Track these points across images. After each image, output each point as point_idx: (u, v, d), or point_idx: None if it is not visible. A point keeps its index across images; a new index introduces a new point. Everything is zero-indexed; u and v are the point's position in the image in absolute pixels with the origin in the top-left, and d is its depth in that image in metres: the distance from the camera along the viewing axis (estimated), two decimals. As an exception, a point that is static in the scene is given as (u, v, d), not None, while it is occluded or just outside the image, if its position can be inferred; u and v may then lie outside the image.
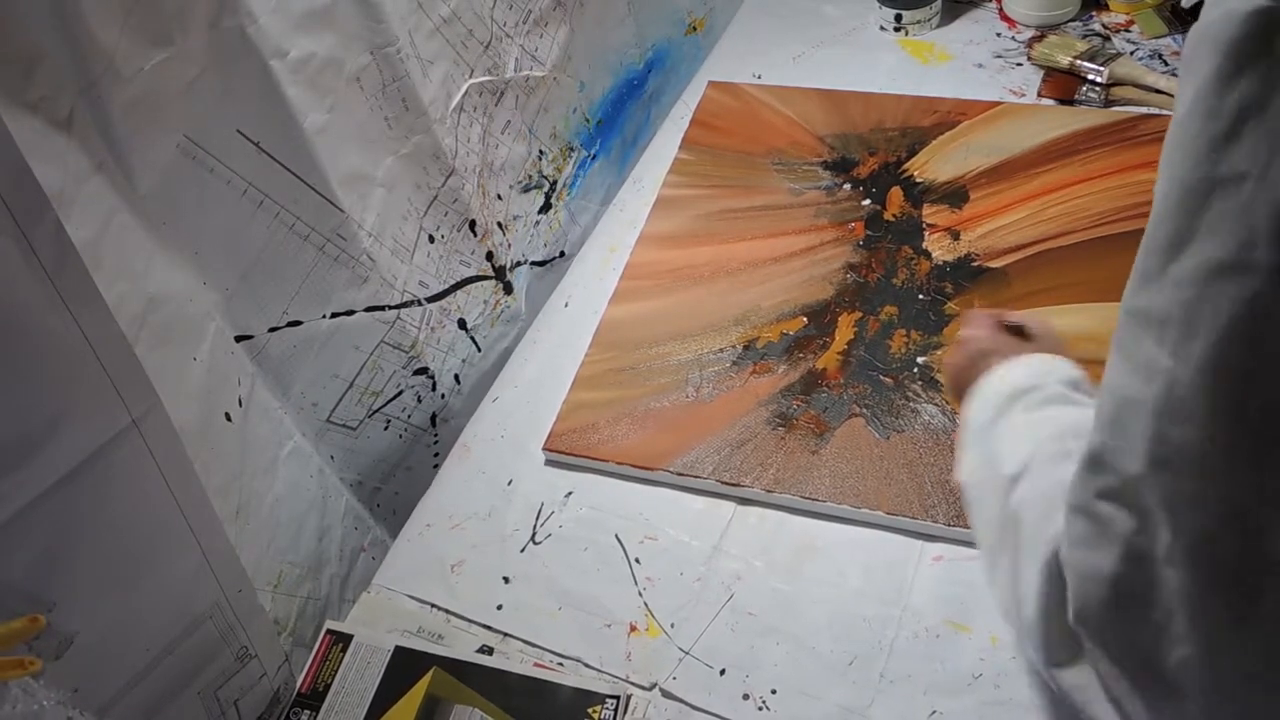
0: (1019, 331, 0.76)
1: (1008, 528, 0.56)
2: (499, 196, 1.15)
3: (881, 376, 0.99)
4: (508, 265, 1.18)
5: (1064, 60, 1.25)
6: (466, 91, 1.05)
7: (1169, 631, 0.43)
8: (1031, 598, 0.51)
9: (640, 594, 0.91)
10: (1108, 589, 0.45)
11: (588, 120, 1.29)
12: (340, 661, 0.89)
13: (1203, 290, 0.40)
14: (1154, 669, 0.44)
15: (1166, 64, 1.23)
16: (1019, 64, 1.29)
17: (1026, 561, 0.53)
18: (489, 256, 1.14)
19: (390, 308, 1.02)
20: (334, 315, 0.97)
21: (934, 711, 0.80)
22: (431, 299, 1.08)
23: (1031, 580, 0.52)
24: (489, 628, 0.91)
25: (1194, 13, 1.28)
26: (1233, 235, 0.38)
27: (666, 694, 0.85)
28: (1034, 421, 0.62)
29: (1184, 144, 0.40)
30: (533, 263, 1.25)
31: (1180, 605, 0.42)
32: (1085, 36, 1.28)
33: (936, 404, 0.96)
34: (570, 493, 0.99)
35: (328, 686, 0.87)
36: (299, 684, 0.88)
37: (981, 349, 0.73)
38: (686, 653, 0.86)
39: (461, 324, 1.13)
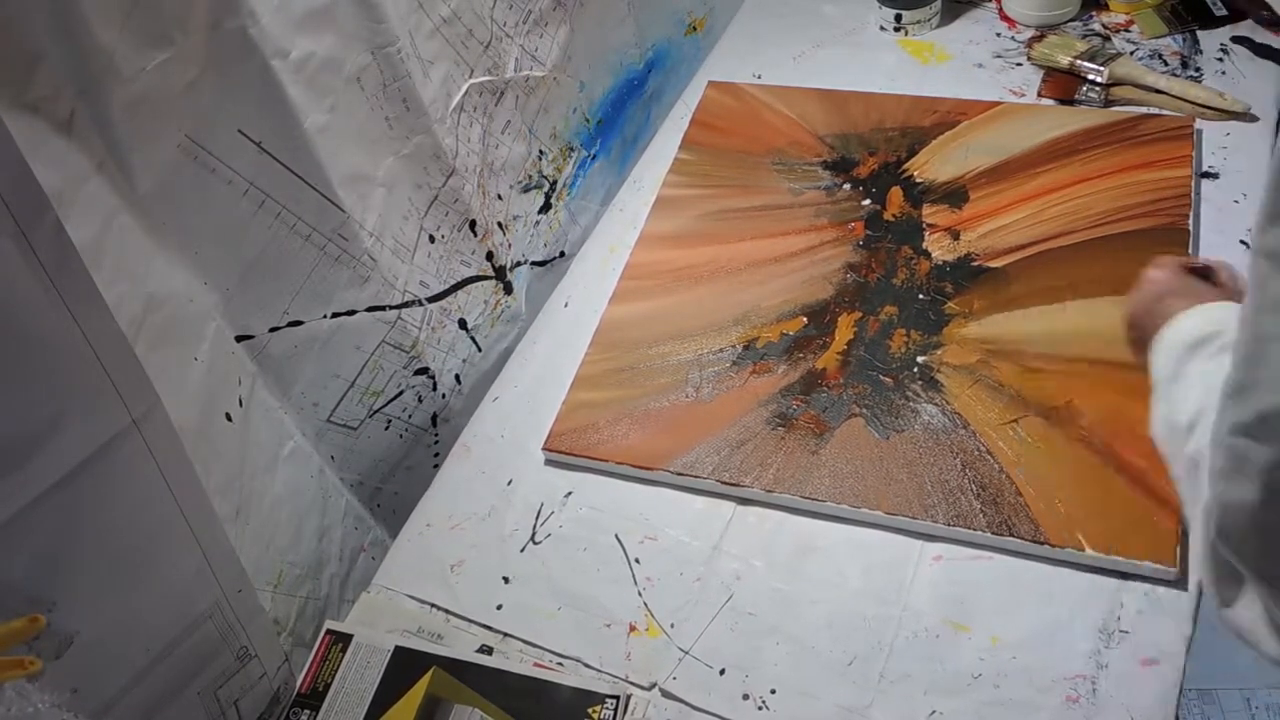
0: (1204, 275, 0.76)
1: (1190, 476, 0.58)
2: (499, 196, 1.15)
3: (881, 376, 0.99)
4: (508, 265, 1.18)
5: (1064, 60, 1.25)
6: (467, 91, 1.05)
7: None
8: (1198, 539, 0.53)
9: (640, 594, 0.91)
10: (1252, 521, 0.47)
11: (588, 120, 1.29)
12: (340, 661, 0.89)
13: None
14: None
15: (1166, 64, 1.23)
16: (1019, 64, 1.29)
17: (1200, 505, 0.54)
18: (489, 256, 1.15)
19: (391, 308, 1.02)
20: (335, 315, 0.97)
21: (934, 711, 0.80)
22: (432, 299, 1.08)
23: (1200, 522, 0.53)
24: (489, 628, 0.91)
25: (1194, 13, 1.28)
26: None
27: (666, 694, 0.85)
28: (1210, 370, 0.63)
29: None
30: (533, 263, 1.25)
31: None
32: (1085, 36, 1.28)
33: (936, 404, 0.96)
34: (570, 493, 0.99)
35: (328, 686, 0.87)
36: (299, 684, 0.88)
37: (1160, 290, 0.73)
38: (686, 653, 0.86)
39: (462, 324, 1.13)
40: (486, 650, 0.89)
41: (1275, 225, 0.44)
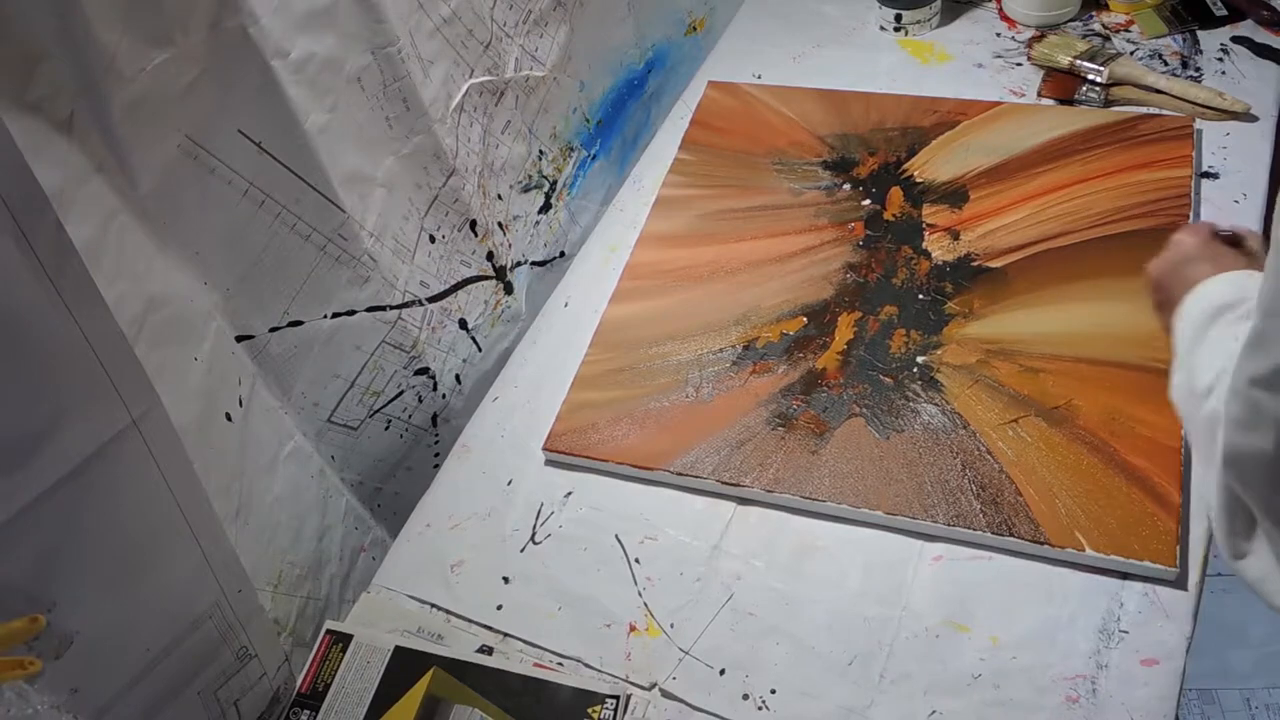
0: (1232, 242, 0.76)
1: (1204, 437, 0.58)
2: (499, 196, 1.15)
3: (881, 376, 0.99)
4: (508, 265, 1.18)
5: (1064, 60, 1.25)
6: (467, 91, 1.05)
7: None
8: (1213, 493, 0.54)
9: (640, 594, 0.91)
10: (1268, 468, 0.48)
11: (588, 120, 1.29)
12: (340, 661, 0.89)
13: None
14: None
15: (1166, 64, 1.23)
16: (1019, 64, 1.29)
17: (1215, 464, 0.55)
18: (489, 256, 1.15)
19: (391, 308, 1.02)
20: (335, 315, 0.97)
21: (934, 711, 0.80)
22: (432, 299, 1.08)
23: (1215, 480, 0.54)
24: (489, 628, 0.91)
25: (1194, 13, 1.28)
26: None
27: (666, 694, 0.85)
28: (1230, 335, 0.63)
29: None
30: (533, 263, 1.25)
31: None
32: (1085, 36, 1.28)
33: (936, 404, 0.96)
34: (570, 493, 0.99)
35: (327, 686, 0.87)
36: (299, 684, 0.88)
37: (1186, 254, 0.73)
38: (686, 653, 0.86)
39: (462, 324, 1.13)
40: (486, 650, 0.89)
41: None
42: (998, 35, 1.33)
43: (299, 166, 0.88)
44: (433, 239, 1.06)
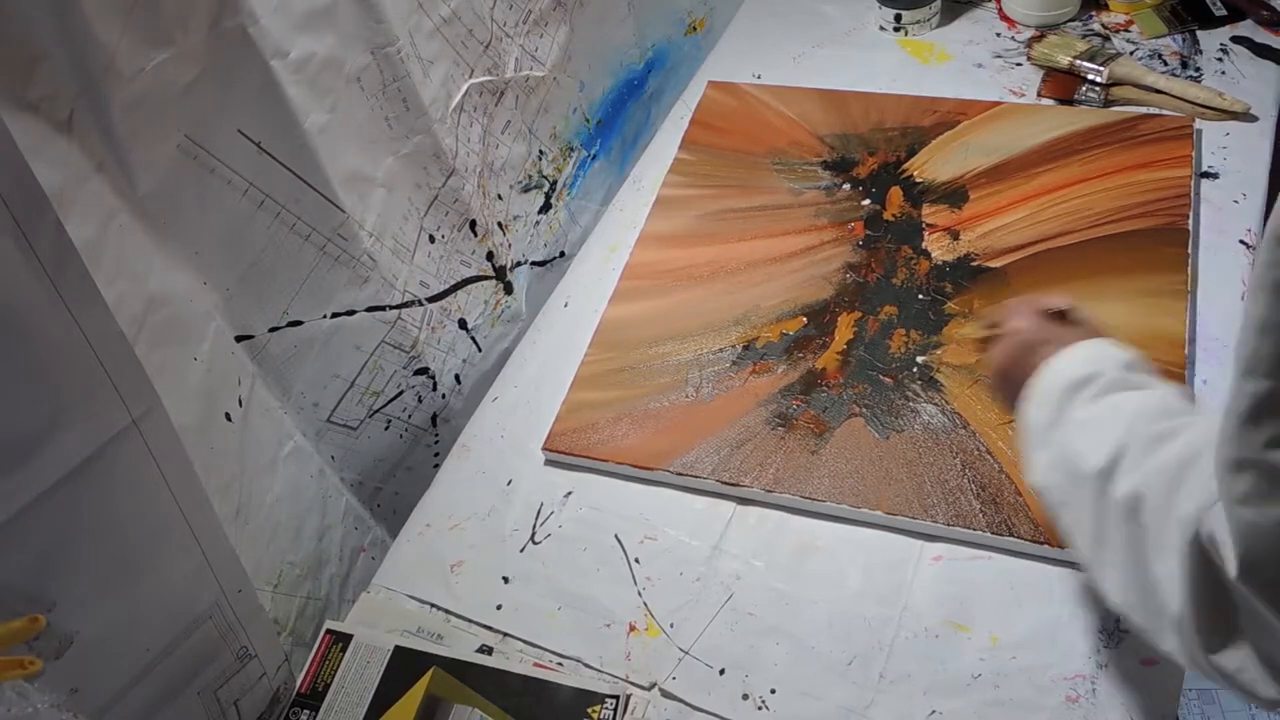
0: (1060, 316, 0.74)
1: (1116, 523, 0.55)
2: (499, 196, 1.15)
3: (881, 376, 0.99)
4: (508, 265, 1.18)
5: (1064, 60, 1.25)
6: (467, 91, 1.05)
7: None
8: (1175, 586, 0.50)
9: (640, 594, 0.91)
10: None
11: (588, 120, 1.29)
12: (340, 661, 0.89)
13: None
14: None
15: (1166, 64, 1.23)
16: (1019, 64, 1.29)
17: (1158, 552, 0.51)
18: (489, 256, 1.15)
19: (391, 308, 1.02)
20: (335, 315, 0.97)
21: (933, 711, 0.80)
22: (432, 299, 1.08)
23: (1171, 569, 0.50)
24: (489, 628, 0.91)
25: (1194, 13, 1.28)
26: None
27: (666, 694, 0.85)
28: (1104, 411, 0.60)
29: None
30: (533, 263, 1.25)
31: None
32: (1085, 36, 1.28)
33: (936, 404, 0.96)
34: (570, 493, 0.99)
35: (327, 686, 0.87)
36: (299, 684, 0.88)
37: (1025, 341, 0.71)
38: (686, 652, 0.86)
39: (462, 324, 1.13)
40: (486, 650, 0.89)
41: None
42: (998, 35, 1.33)
43: (299, 166, 0.88)
44: (432, 239, 1.06)
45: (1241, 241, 1.04)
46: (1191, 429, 0.54)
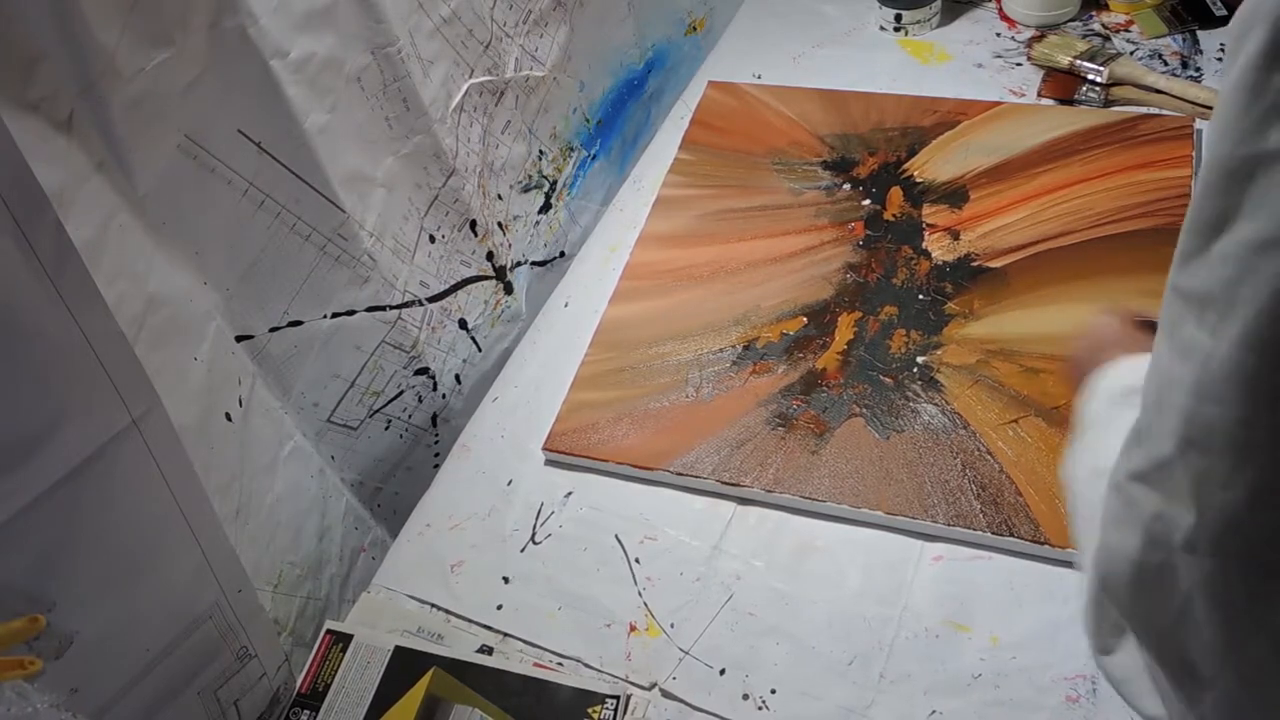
0: (1147, 326, 0.75)
1: (1091, 522, 0.57)
2: (499, 196, 1.15)
3: (881, 376, 0.99)
4: (508, 265, 1.18)
5: (1064, 60, 1.25)
6: (467, 91, 1.05)
7: (1190, 616, 0.43)
8: (1085, 583, 0.52)
9: (640, 594, 0.91)
10: (1132, 570, 0.45)
11: (588, 120, 1.29)
12: (340, 661, 0.89)
13: (1244, 267, 0.39)
14: (1178, 654, 0.44)
15: (1166, 64, 1.23)
16: (1019, 64, 1.29)
17: (1089, 552, 0.53)
18: (489, 256, 1.15)
19: (391, 308, 1.02)
20: (335, 315, 0.97)
21: (934, 711, 0.80)
22: (432, 299, 1.08)
23: (1088, 569, 0.52)
24: (489, 628, 0.91)
25: (1194, 13, 1.28)
26: (1276, 212, 0.38)
27: (666, 694, 0.85)
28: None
29: (1228, 121, 0.40)
30: (533, 263, 1.25)
31: (1200, 590, 0.42)
32: (1085, 36, 1.28)
33: (936, 404, 0.96)
34: (570, 493, 0.99)
35: (327, 686, 0.87)
36: (299, 684, 0.88)
37: (1102, 339, 0.72)
38: (686, 653, 0.86)
39: (462, 324, 1.13)
40: (486, 650, 0.89)
41: (1188, 265, 0.42)
42: (998, 35, 1.33)
43: (299, 166, 0.88)
44: (433, 239, 1.06)
45: (1242, 241, 1.04)
46: None
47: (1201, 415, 0.41)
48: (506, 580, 0.94)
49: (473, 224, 1.10)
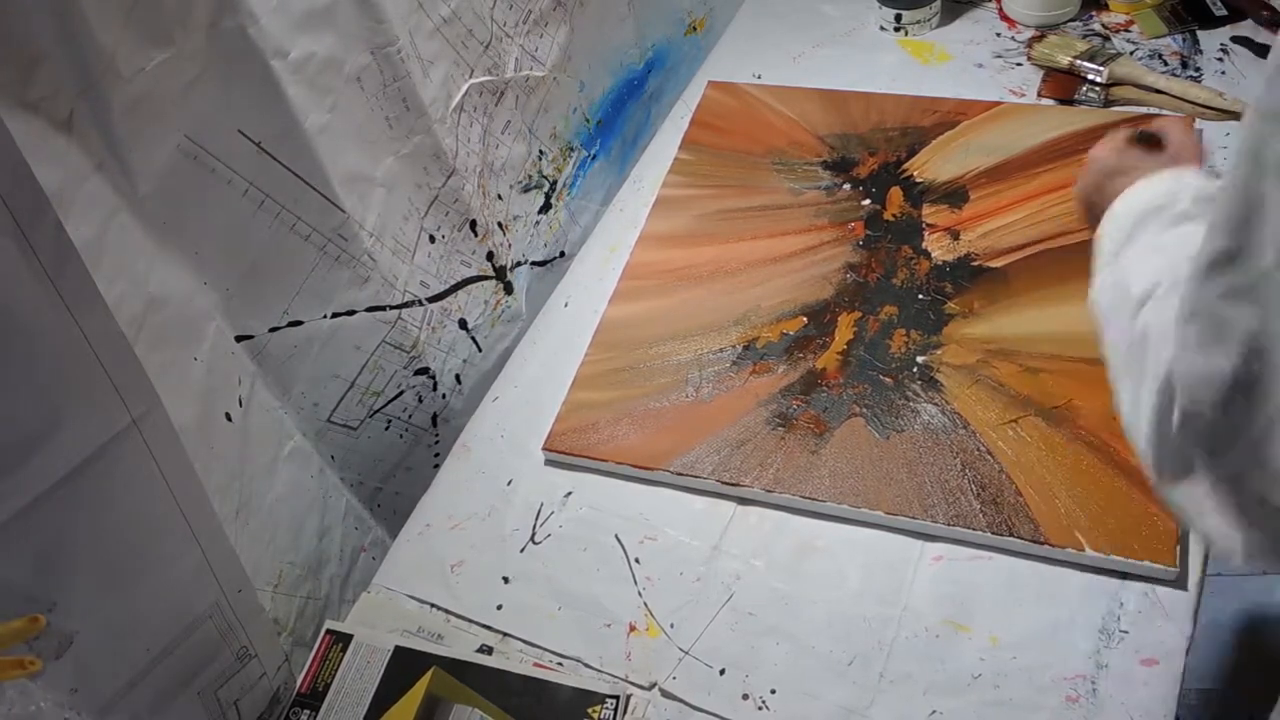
0: (1151, 142, 0.75)
1: (1134, 349, 0.57)
2: (499, 196, 1.15)
3: (881, 376, 0.99)
4: (508, 265, 1.18)
5: (1064, 60, 1.25)
6: (467, 91, 1.05)
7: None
8: (1146, 417, 0.53)
9: (640, 594, 0.91)
10: (1222, 390, 0.46)
11: (588, 120, 1.29)
12: (340, 661, 0.89)
13: None
14: (1264, 467, 0.45)
15: (1166, 64, 1.23)
16: (1019, 64, 1.29)
17: (1146, 387, 0.54)
18: (489, 256, 1.15)
19: (391, 308, 1.02)
20: (335, 315, 0.97)
21: (934, 711, 0.80)
22: (432, 299, 1.08)
23: (1148, 400, 0.53)
24: (489, 628, 0.91)
25: (1194, 13, 1.28)
26: None
27: (666, 694, 0.85)
28: (1165, 241, 0.62)
29: None
30: (533, 263, 1.25)
31: None
32: (1085, 36, 1.28)
33: (936, 404, 0.96)
34: (570, 493, 0.99)
35: (327, 686, 0.87)
36: (299, 684, 0.88)
37: (1109, 168, 0.72)
38: (686, 652, 0.86)
39: (462, 324, 1.13)
40: (486, 650, 0.89)
41: (1276, 84, 0.43)
42: (998, 35, 1.33)
43: (299, 166, 0.88)
44: (433, 239, 1.06)
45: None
46: None
47: None
48: (506, 580, 0.94)
49: (473, 224, 1.10)
